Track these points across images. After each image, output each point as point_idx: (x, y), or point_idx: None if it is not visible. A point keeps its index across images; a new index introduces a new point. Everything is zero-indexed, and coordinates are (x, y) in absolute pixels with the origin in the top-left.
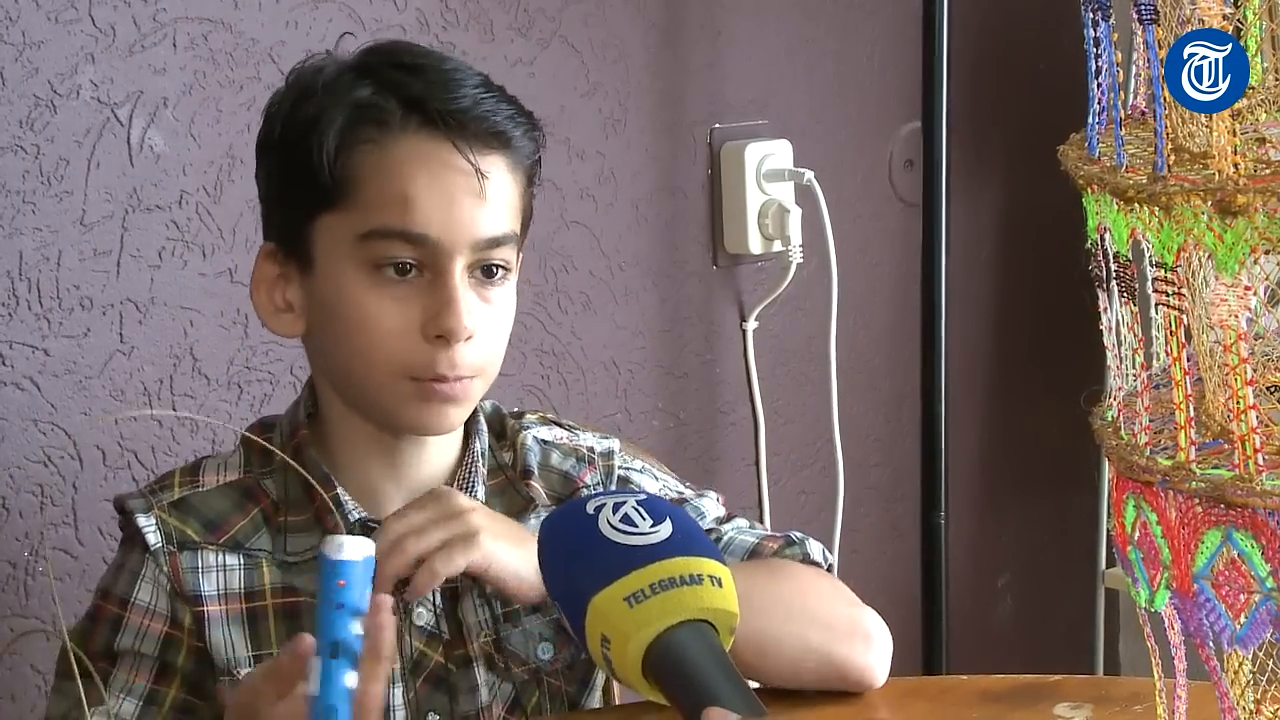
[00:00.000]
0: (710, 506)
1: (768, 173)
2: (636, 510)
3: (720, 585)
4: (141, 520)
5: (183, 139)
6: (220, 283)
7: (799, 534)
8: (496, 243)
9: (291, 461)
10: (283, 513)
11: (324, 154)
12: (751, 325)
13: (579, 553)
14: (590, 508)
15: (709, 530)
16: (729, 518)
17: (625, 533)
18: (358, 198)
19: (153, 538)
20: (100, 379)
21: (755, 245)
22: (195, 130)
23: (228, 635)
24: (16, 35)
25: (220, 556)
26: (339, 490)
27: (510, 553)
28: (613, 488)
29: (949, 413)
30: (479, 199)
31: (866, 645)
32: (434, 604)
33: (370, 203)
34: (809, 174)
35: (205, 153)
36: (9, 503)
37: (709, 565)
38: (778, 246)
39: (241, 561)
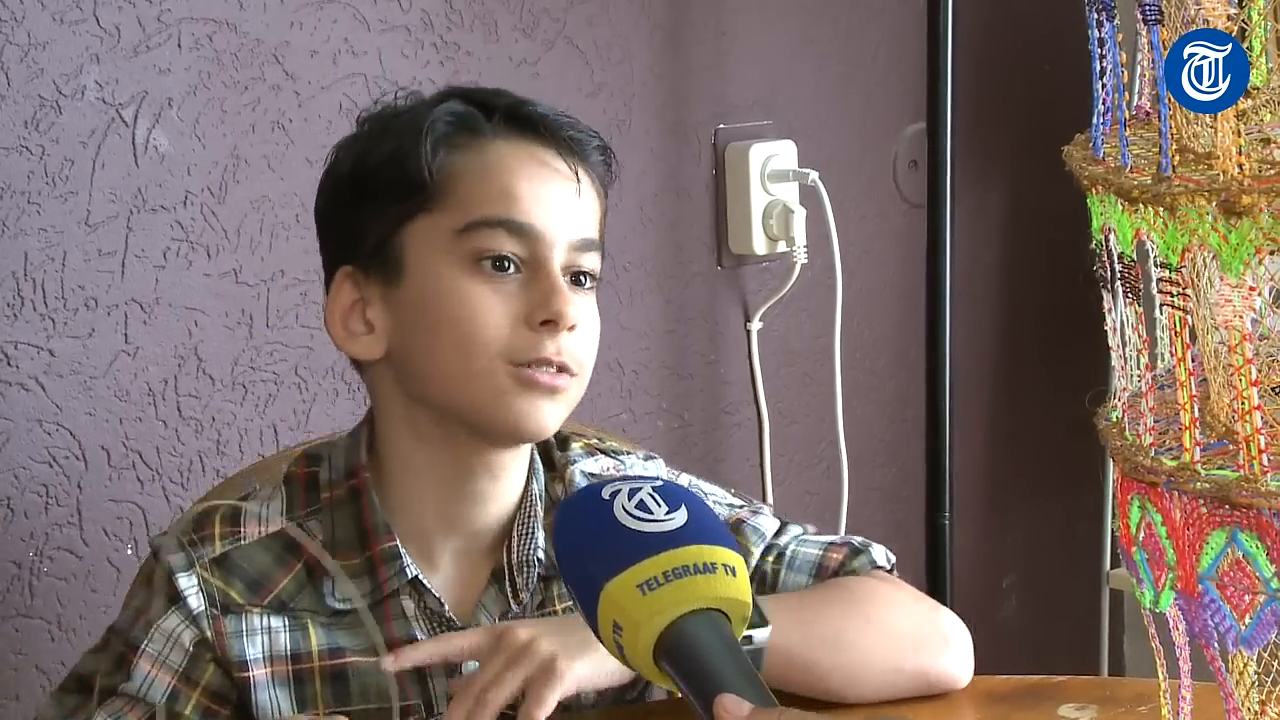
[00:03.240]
0: (765, 523)
1: (772, 173)
2: (652, 496)
3: (734, 574)
4: (183, 581)
5: (187, 139)
6: (225, 283)
7: (860, 540)
8: (588, 245)
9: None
10: (330, 555)
11: (421, 156)
12: (756, 326)
13: (593, 538)
14: (606, 493)
15: (768, 547)
16: (783, 526)
17: (640, 519)
18: (455, 195)
19: (195, 601)
20: (105, 379)
21: (760, 246)
22: (200, 131)
23: (273, 696)
24: (22, 36)
25: (265, 619)
26: (398, 542)
27: (588, 661)
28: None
29: (954, 413)
30: (575, 199)
31: (950, 650)
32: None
33: (470, 198)
34: (814, 174)
35: (210, 153)
36: (14, 503)
37: (723, 554)
38: (782, 247)
39: (286, 624)
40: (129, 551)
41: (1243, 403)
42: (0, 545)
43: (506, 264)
